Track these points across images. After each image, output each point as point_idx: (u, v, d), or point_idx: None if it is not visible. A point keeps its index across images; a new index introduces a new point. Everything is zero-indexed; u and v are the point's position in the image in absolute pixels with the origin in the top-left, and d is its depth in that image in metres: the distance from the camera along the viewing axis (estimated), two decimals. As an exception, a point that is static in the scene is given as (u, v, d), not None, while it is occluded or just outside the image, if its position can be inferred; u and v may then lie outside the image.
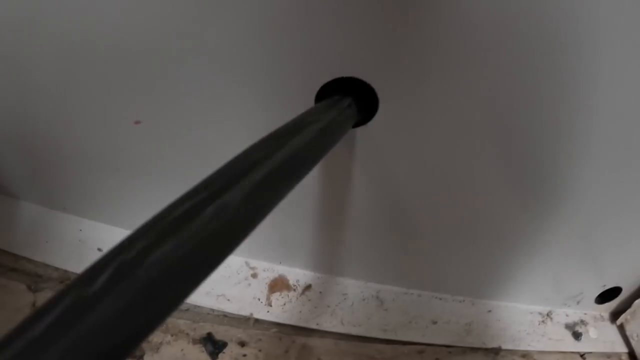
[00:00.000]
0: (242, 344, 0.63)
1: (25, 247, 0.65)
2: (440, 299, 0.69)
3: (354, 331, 0.64)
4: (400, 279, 0.67)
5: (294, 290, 0.66)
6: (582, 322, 0.74)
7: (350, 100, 0.39)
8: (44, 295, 0.64)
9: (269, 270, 0.66)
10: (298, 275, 0.66)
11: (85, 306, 0.14)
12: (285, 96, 0.41)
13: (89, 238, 0.66)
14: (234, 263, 0.66)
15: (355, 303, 0.66)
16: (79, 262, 0.65)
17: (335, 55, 0.37)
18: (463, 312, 0.69)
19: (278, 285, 0.65)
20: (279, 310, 0.64)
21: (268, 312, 0.64)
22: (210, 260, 0.19)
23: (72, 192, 0.64)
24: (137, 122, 0.50)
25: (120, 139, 0.51)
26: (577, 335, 0.71)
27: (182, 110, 0.46)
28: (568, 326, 0.73)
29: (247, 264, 0.66)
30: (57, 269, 0.65)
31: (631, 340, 0.72)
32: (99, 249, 0.65)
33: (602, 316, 0.76)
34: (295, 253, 0.65)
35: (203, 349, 0.62)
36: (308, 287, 0.66)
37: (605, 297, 0.74)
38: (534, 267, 0.64)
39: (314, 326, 0.64)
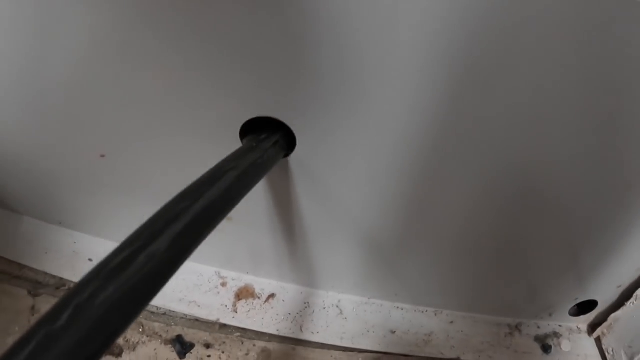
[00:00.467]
0: (208, 345, 0.69)
1: (27, 257, 0.75)
2: (402, 309, 0.72)
3: (312, 338, 0.69)
4: (361, 288, 0.71)
5: (259, 298, 0.71)
6: (556, 334, 0.74)
7: (277, 137, 0.44)
8: (42, 300, 0.73)
9: (237, 279, 0.71)
10: (264, 284, 0.71)
11: (54, 338, 0.20)
12: (212, 131, 0.47)
13: (81, 249, 0.74)
14: (206, 272, 0.72)
15: (316, 311, 0.71)
16: (72, 270, 0.73)
17: (252, 97, 0.43)
18: (424, 322, 0.71)
19: (244, 293, 0.71)
20: (243, 316, 0.70)
21: (233, 317, 0.69)
22: (144, 297, 0.25)
23: (67, 209, 0.73)
24: (102, 156, 0.57)
25: (104, 164, 0.59)
26: (546, 348, 0.72)
27: (140, 144, 0.53)
28: (538, 338, 0.73)
29: (217, 273, 0.72)
30: (54, 276, 0.74)
31: (607, 355, 0.71)
32: (90, 259, 0.73)
33: (578, 328, 0.75)
34: (262, 264, 0.70)
35: (173, 348, 0.68)
36: (272, 296, 0.71)
37: (582, 309, 0.74)
38: (503, 278, 0.65)
39: (274, 332, 0.69)
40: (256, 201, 0.57)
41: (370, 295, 0.71)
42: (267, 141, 0.44)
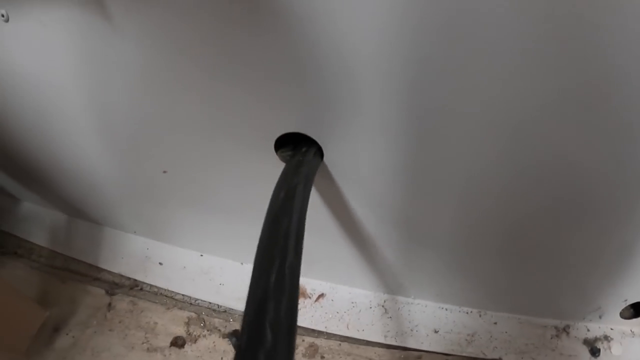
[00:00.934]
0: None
1: (105, 261, 0.85)
2: (446, 309, 0.74)
3: (357, 335, 0.73)
4: (406, 289, 0.74)
5: (310, 297, 0.76)
6: (606, 337, 0.74)
7: (315, 149, 0.51)
8: (117, 298, 0.82)
9: (289, 280, 0.77)
10: (314, 285, 0.77)
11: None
12: (251, 145, 0.55)
13: (153, 255, 0.83)
14: (260, 274, 0.78)
15: (362, 310, 0.75)
16: (144, 273, 0.82)
17: (285, 117, 0.50)
18: (468, 322, 0.73)
19: (295, 293, 0.76)
20: (295, 314, 0.75)
21: (285, 316, 0.75)
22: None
23: (140, 219, 0.82)
24: (165, 171, 0.66)
25: (167, 179, 0.67)
26: (594, 352, 0.72)
27: (193, 159, 0.62)
28: (587, 341, 0.73)
29: (270, 275, 0.77)
30: (128, 278, 0.83)
31: (663, 360, 0.70)
32: (160, 263, 0.82)
33: (632, 332, 0.74)
34: (313, 266, 0.75)
35: (229, 341, 0.74)
36: (322, 295, 0.76)
37: (637, 311, 0.73)
38: (549, 279, 0.66)
39: (322, 328, 0.74)
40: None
41: (414, 295, 0.75)
42: (309, 153, 0.50)
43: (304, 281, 0.77)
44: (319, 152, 0.52)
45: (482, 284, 0.71)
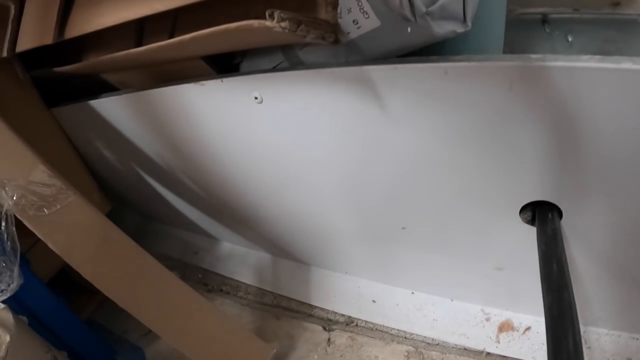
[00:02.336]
0: (477, 371, 0.86)
1: (317, 299, 0.94)
2: (637, 339, 0.86)
3: (565, 365, 0.84)
4: (603, 321, 0.86)
5: (517, 330, 0.87)
6: None
7: (557, 213, 0.58)
8: (336, 334, 0.92)
9: (498, 315, 0.88)
10: (521, 318, 0.87)
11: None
12: (497, 209, 0.63)
13: (365, 293, 0.93)
14: (472, 310, 0.89)
15: (565, 342, 0.86)
16: (358, 310, 0.92)
17: (534, 186, 0.58)
18: (660, 351, 0.85)
19: (505, 326, 0.87)
20: (505, 346, 0.86)
21: (497, 347, 0.86)
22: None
23: (357, 262, 0.92)
24: (403, 228, 0.75)
25: (407, 235, 0.77)
26: None
27: (438, 221, 0.71)
28: None
29: (482, 310, 0.88)
30: (342, 315, 0.93)
31: None
32: (374, 301, 0.92)
33: None
34: (519, 300, 0.86)
35: (449, 374, 0.85)
36: (528, 329, 0.87)
37: None
38: None
39: (530, 359, 0.85)
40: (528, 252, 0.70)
41: (610, 327, 0.86)
42: (555, 219, 0.57)
43: (511, 315, 0.88)
44: (559, 215, 0.59)
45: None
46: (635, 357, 0.82)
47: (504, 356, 0.85)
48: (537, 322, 0.85)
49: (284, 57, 0.59)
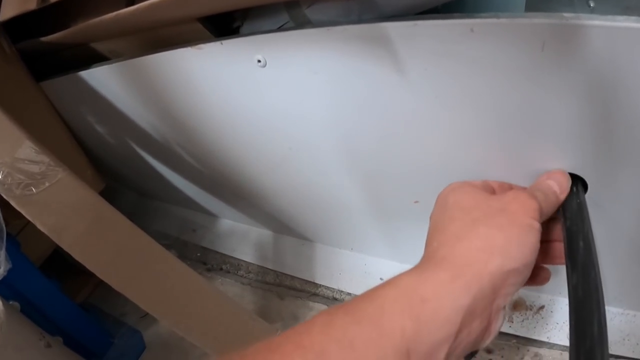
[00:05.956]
0: (489, 351, 0.83)
1: (322, 277, 0.91)
2: (655, 319, 0.83)
3: (580, 344, 0.81)
4: (618, 300, 0.83)
5: (531, 309, 0.84)
6: None
7: (582, 186, 0.53)
8: (342, 313, 0.88)
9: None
10: (534, 297, 0.84)
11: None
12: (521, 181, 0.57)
13: (372, 270, 0.89)
14: (481, 289, 0.85)
15: (580, 321, 0.83)
16: (365, 288, 0.88)
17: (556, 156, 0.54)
18: (677, 330, 0.82)
19: (518, 305, 0.84)
20: (518, 325, 0.83)
21: (510, 326, 0.83)
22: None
23: (357, 237, 0.88)
24: (416, 202, 0.71)
25: (419, 208, 0.73)
26: None
27: None
28: None
29: (492, 289, 0.85)
30: (349, 293, 0.90)
31: None
32: (381, 279, 0.88)
33: None
34: (531, 279, 0.83)
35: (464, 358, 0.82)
36: (542, 308, 0.84)
37: None
38: None
39: (544, 339, 0.82)
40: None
41: (625, 306, 0.83)
42: (580, 192, 0.52)
43: (524, 293, 0.85)
44: (585, 189, 0.55)
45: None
46: (650, 336, 0.78)
47: (517, 336, 0.82)
48: (551, 301, 0.82)
49: (289, 16, 0.54)
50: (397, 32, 0.46)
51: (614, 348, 0.79)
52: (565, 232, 0.47)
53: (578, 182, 0.55)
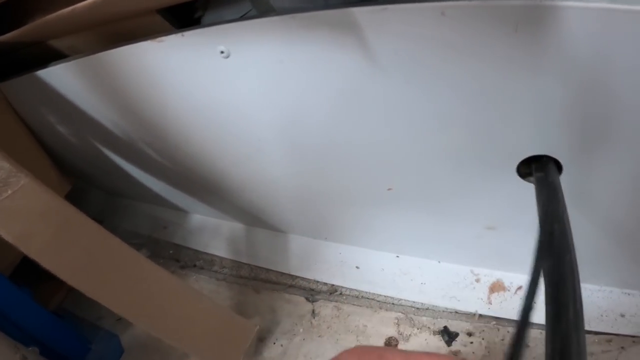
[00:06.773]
0: (470, 334, 0.82)
1: (298, 269, 0.89)
2: (629, 294, 0.83)
3: (558, 322, 0.81)
4: (595, 277, 0.83)
5: (509, 290, 0.84)
6: None
7: (554, 166, 0.54)
8: (320, 304, 0.87)
9: (488, 275, 0.84)
10: (511, 278, 0.84)
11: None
12: (494, 164, 0.59)
13: (347, 259, 0.88)
14: (462, 271, 0.85)
15: (558, 299, 0.83)
16: (342, 277, 0.88)
17: (536, 139, 0.54)
18: (651, 305, 0.83)
19: (496, 287, 0.84)
20: (497, 307, 0.83)
21: (489, 308, 0.83)
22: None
23: (331, 226, 0.87)
24: (389, 189, 0.71)
25: (393, 196, 0.72)
26: None
27: (428, 178, 0.66)
28: None
29: (471, 271, 0.85)
30: (325, 283, 0.89)
31: None
32: (357, 267, 0.88)
33: None
34: (510, 260, 0.83)
35: (441, 338, 0.82)
36: (519, 288, 0.84)
37: None
38: None
39: (525, 319, 0.82)
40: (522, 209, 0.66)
41: (602, 283, 0.84)
42: (552, 172, 0.53)
43: (501, 275, 0.85)
44: (559, 170, 0.55)
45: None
46: (628, 312, 0.79)
47: (497, 317, 0.82)
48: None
49: (252, 4, 0.53)
50: (366, 17, 0.44)
51: (592, 324, 0.79)
52: (541, 213, 0.47)
53: (552, 164, 0.55)
